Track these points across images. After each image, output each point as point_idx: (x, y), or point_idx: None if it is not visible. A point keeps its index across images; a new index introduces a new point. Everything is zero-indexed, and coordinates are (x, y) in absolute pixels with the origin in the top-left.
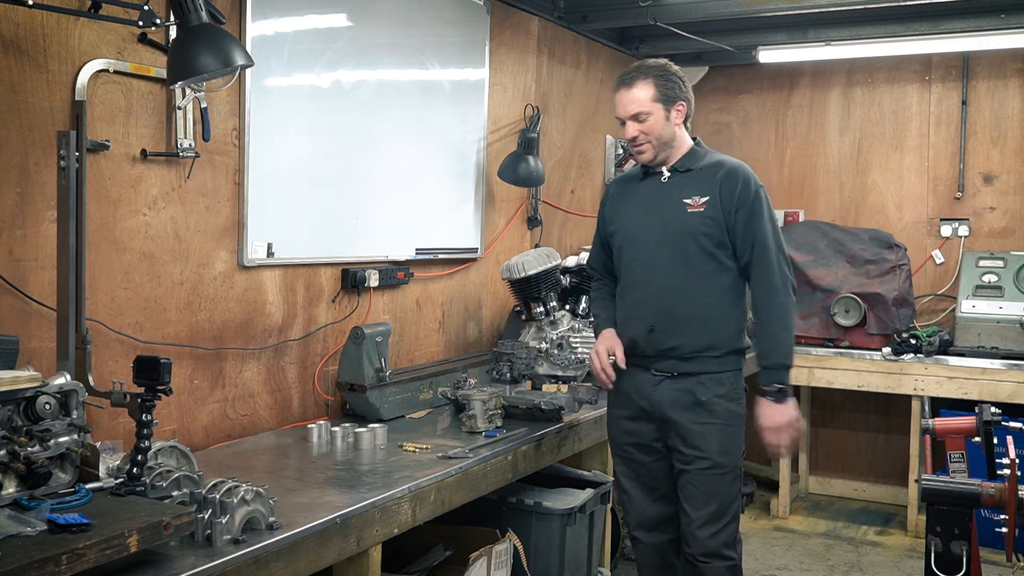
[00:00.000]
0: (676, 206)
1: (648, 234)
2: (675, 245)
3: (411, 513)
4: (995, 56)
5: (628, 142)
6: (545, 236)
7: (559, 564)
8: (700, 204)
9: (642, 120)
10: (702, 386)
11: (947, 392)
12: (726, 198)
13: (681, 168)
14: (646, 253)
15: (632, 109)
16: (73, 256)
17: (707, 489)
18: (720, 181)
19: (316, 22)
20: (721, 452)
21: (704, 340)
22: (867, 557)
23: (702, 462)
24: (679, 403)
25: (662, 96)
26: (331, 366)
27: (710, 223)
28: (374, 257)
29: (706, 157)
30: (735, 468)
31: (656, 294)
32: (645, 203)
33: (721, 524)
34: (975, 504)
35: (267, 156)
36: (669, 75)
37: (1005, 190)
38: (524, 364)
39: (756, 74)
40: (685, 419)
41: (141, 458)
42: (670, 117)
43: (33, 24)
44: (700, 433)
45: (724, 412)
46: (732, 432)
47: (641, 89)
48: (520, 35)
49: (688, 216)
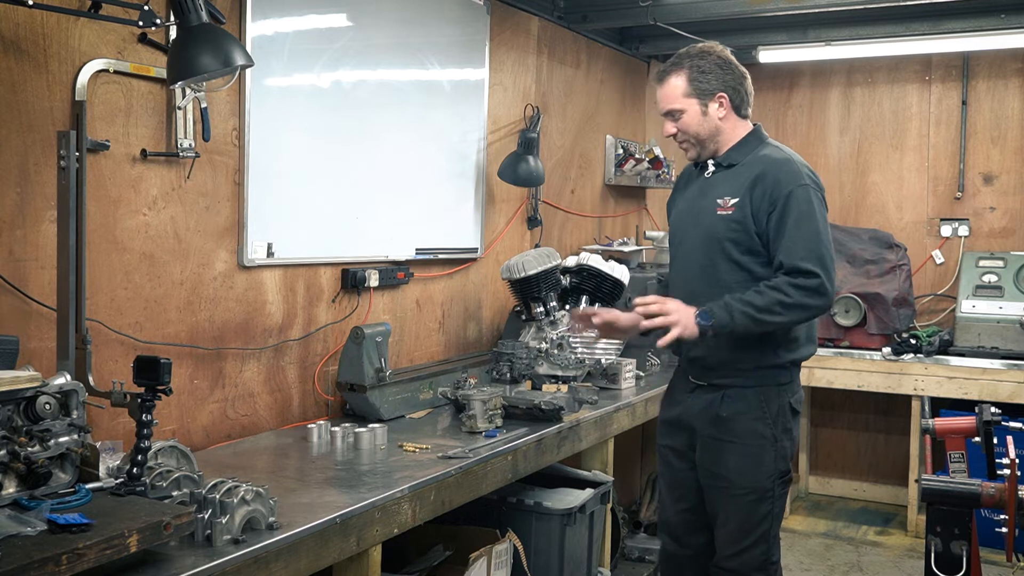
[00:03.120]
0: (710, 206)
1: (686, 235)
2: (703, 250)
3: (411, 513)
4: (995, 56)
5: (673, 139)
6: (545, 236)
7: (559, 564)
8: (729, 206)
9: (676, 117)
10: (726, 400)
11: (947, 392)
12: (757, 200)
13: (725, 163)
14: (682, 255)
15: (664, 106)
16: (73, 256)
17: (725, 508)
18: (752, 183)
19: (316, 22)
20: (737, 472)
21: (725, 354)
22: (867, 557)
23: (717, 480)
24: (704, 415)
25: (696, 90)
26: (331, 366)
27: (737, 228)
28: (374, 257)
29: (756, 150)
30: (756, 490)
31: (683, 300)
32: (691, 200)
33: (743, 545)
34: (975, 504)
35: (267, 156)
36: (706, 64)
37: (1005, 190)
38: (524, 364)
39: (756, 74)
40: (707, 432)
41: (141, 458)
42: (708, 111)
43: (33, 24)
44: (717, 449)
45: (745, 431)
46: (752, 452)
47: (673, 84)
48: (520, 35)
49: (716, 219)
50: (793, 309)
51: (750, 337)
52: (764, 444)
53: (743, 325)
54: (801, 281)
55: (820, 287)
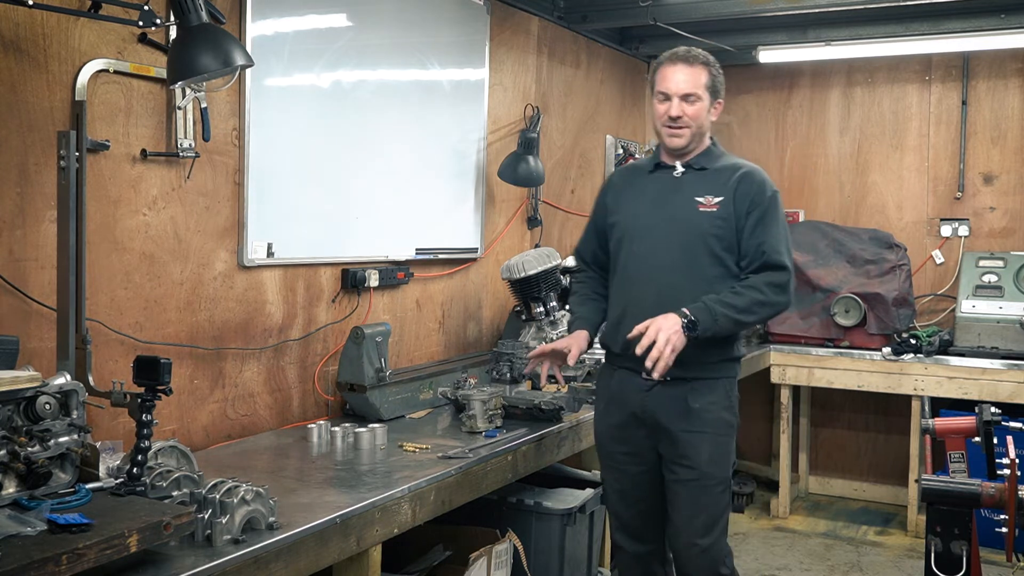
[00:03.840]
0: (687, 203)
1: (653, 229)
2: (681, 244)
3: (411, 513)
4: (995, 56)
5: (668, 121)
6: (545, 236)
7: (559, 564)
8: (713, 204)
9: (691, 102)
10: (695, 392)
11: (947, 392)
12: (740, 200)
13: (696, 165)
14: (648, 248)
15: (686, 88)
16: (73, 256)
17: (695, 501)
18: (736, 183)
19: (316, 22)
20: (710, 462)
21: (701, 345)
22: (867, 557)
23: (690, 472)
24: (672, 410)
25: (712, 87)
26: (331, 366)
27: (721, 224)
28: (374, 257)
29: (722, 158)
30: (724, 480)
31: (656, 292)
32: (652, 196)
33: (712, 538)
34: (975, 504)
35: (267, 156)
36: (719, 71)
37: (1005, 190)
38: (524, 364)
39: (756, 74)
40: (676, 427)
41: (141, 458)
42: (710, 111)
43: (33, 24)
44: (690, 442)
45: (716, 421)
46: (723, 442)
47: (699, 72)
48: (520, 35)
49: (699, 215)
50: (766, 307)
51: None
52: (731, 433)
53: (726, 327)
54: (774, 277)
55: (787, 284)
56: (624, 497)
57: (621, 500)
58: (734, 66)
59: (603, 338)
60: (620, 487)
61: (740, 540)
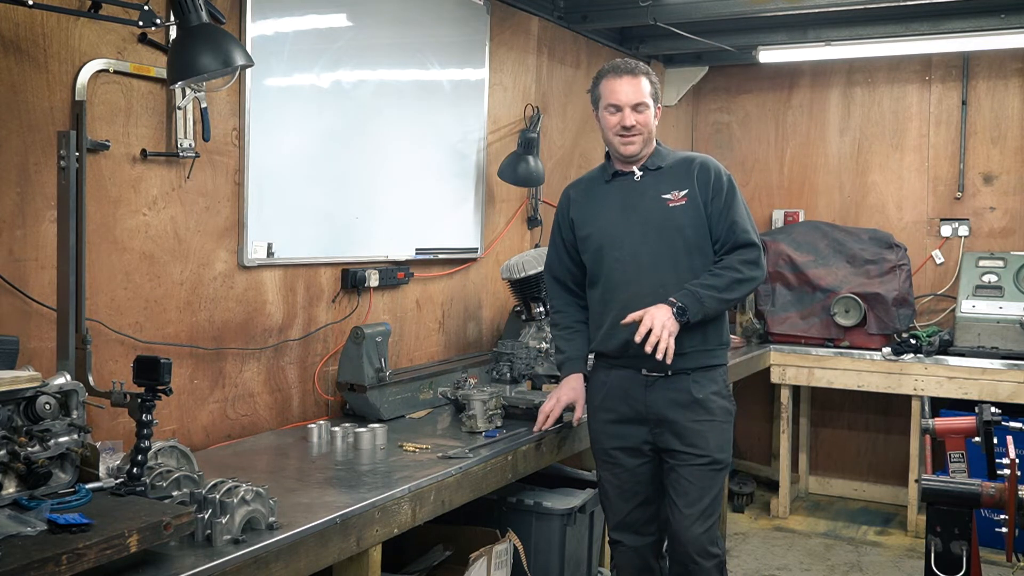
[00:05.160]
0: (656, 202)
1: (630, 233)
2: (661, 241)
3: (411, 513)
4: (995, 56)
5: (621, 131)
6: (545, 236)
7: (559, 564)
8: (681, 197)
9: (640, 111)
10: (697, 384)
11: (947, 392)
12: (702, 189)
13: (652, 166)
14: (630, 252)
15: (636, 98)
16: (73, 256)
17: (702, 484)
18: (696, 172)
19: (316, 22)
20: (718, 448)
21: (698, 335)
22: (867, 557)
23: (701, 459)
24: (676, 403)
25: (654, 94)
26: (331, 366)
27: (693, 214)
28: (374, 257)
29: (671, 155)
30: (728, 464)
31: (649, 292)
32: (619, 203)
33: (712, 521)
34: (975, 504)
35: (267, 156)
36: (656, 78)
37: (1005, 190)
38: (524, 364)
39: (756, 74)
40: (683, 418)
41: (141, 458)
42: (655, 116)
43: (33, 24)
44: (698, 431)
45: (719, 409)
46: (726, 428)
47: (642, 82)
48: (520, 35)
49: (671, 211)
50: (744, 283)
51: (708, 320)
52: (731, 420)
53: (712, 308)
54: (747, 255)
55: (759, 258)
56: (623, 492)
57: (620, 496)
58: (734, 66)
59: (595, 346)
60: (619, 483)
61: (740, 540)
